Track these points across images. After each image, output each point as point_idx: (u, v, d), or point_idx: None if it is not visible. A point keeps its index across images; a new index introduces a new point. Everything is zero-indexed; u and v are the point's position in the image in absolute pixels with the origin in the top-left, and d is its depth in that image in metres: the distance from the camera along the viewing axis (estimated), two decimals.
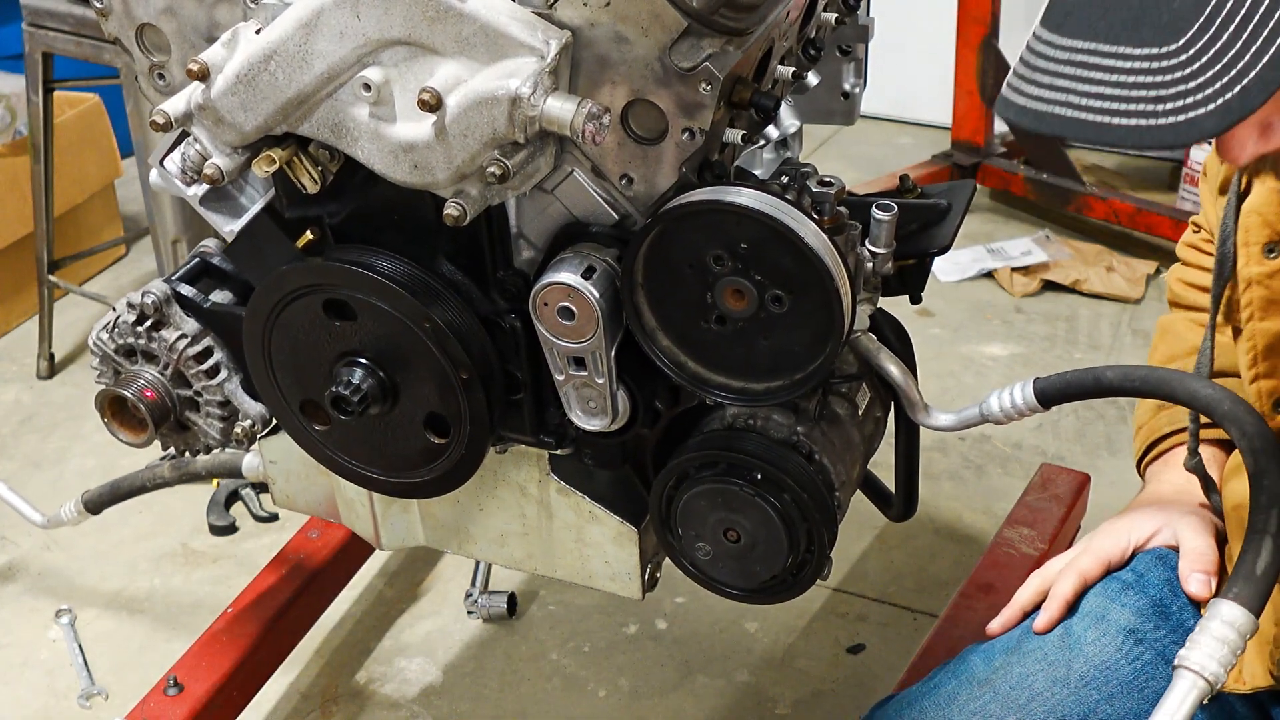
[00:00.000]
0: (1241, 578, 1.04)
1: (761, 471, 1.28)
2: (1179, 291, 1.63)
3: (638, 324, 1.23)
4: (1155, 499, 1.48)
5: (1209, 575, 1.35)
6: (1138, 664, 1.33)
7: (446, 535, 1.57)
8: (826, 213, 1.22)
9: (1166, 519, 1.42)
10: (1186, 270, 1.63)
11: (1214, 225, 1.48)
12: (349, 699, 2.25)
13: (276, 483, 1.65)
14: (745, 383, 1.24)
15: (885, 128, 4.26)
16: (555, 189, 1.22)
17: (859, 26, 1.56)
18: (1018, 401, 1.28)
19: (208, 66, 1.18)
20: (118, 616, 2.43)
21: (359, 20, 1.12)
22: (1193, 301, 1.59)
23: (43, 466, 2.83)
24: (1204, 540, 1.38)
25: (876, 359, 1.34)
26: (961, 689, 1.36)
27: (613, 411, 1.28)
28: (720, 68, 1.11)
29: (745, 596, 1.37)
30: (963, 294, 3.38)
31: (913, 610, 2.38)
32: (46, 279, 3.06)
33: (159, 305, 1.44)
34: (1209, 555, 1.37)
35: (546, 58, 1.10)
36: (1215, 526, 1.41)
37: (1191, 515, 1.42)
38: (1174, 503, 1.45)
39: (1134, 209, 3.43)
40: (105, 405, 1.49)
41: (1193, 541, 1.38)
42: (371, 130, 1.17)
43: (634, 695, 2.23)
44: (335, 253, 1.31)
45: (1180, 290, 1.63)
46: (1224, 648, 1.01)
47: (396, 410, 1.35)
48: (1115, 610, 1.37)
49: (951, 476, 2.71)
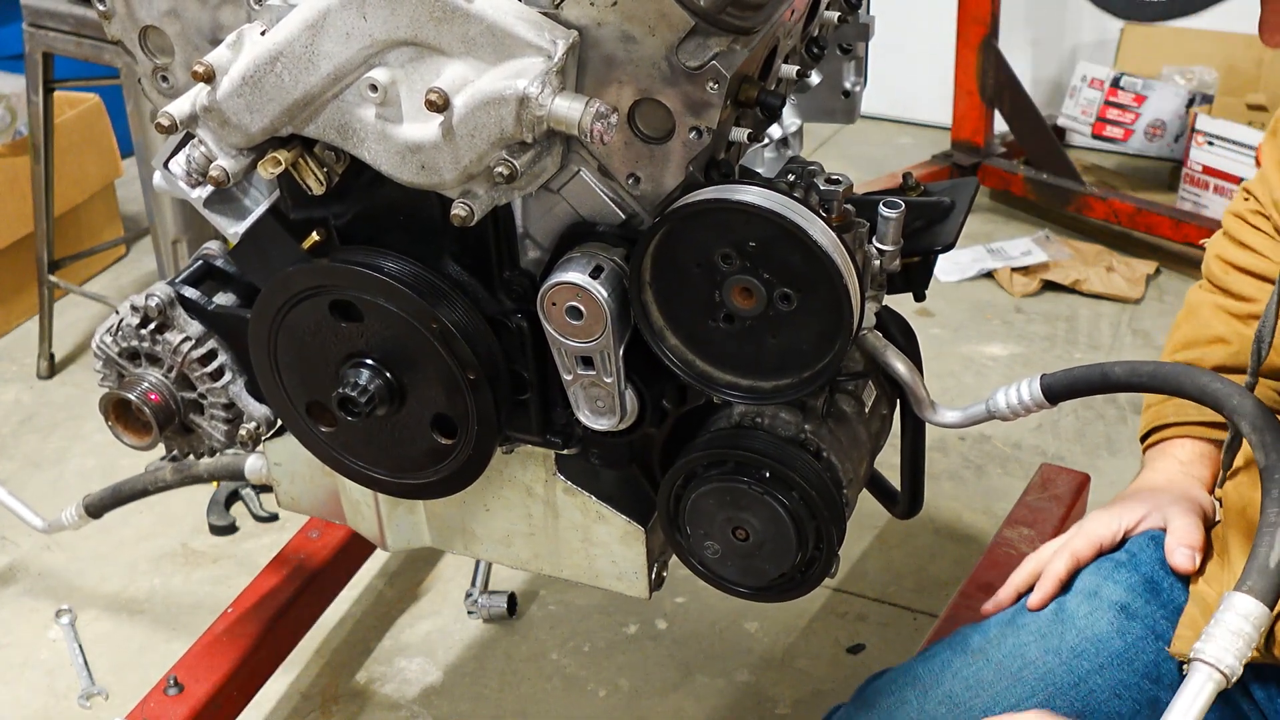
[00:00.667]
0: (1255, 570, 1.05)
1: (770, 469, 1.28)
2: (1216, 272, 1.54)
3: (645, 323, 1.22)
4: (1147, 486, 1.50)
5: (1193, 550, 1.39)
6: (1128, 637, 1.36)
7: (452, 536, 1.57)
8: (834, 211, 1.22)
9: (1156, 504, 1.46)
10: (1229, 248, 1.53)
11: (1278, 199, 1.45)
12: (349, 699, 2.24)
13: (281, 485, 1.64)
14: (753, 381, 1.24)
15: (885, 128, 4.27)
16: (562, 189, 1.22)
17: (860, 25, 1.56)
18: (1025, 398, 1.28)
19: (213, 68, 1.18)
20: (118, 616, 2.42)
21: (365, 21, 1.12)
22: (1229, 286, 1.51)
23: (43, 467, 2.83)
24: (1190, 520, 1.42)
25: (883, 356, 1.35)
26: (955, 658, 1.40)
27: (620, 411, 1.28)
28: (727, 66, 1.11)
29: (754, 595, 1.37)
30: (963, 294, 3.38)
31: (913, 610, 2.38)
32: (46, 279, 3.06)
33: (163, 308, 1.43)
34: (1194, 532, 1.41)
35: (553, 57, 1.10)
36: (1203, 510, 1.45)
37: (1180, 500, 1.45)
38: (1164, 489, 1.48)
39: (1134, 209, 3.43)
40: (109, 408, 1.49)
41: (1179, 519, 1.42)
42: (378, 131, 1.17)
43: (634, 695, 2.23)
44: (341, 254, 1.31)
45: (1218, 270, 1.53)
46: (1239, 640, 1.02)
47: (403, 411, 1.35)
48: (1108, 587, 1.40)
49: (951, 476, 2.71)
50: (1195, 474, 1.50)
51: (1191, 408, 1.50)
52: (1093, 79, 3.88)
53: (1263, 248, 1.49)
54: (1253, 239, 1.50)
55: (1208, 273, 1.56)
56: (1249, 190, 1.54)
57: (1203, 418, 1.50)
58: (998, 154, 3.73)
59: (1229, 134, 3.49)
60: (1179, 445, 1.52)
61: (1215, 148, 3.51)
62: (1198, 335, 1.53)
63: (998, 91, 3.62)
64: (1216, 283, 1.54)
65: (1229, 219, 1.55)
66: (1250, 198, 1.53)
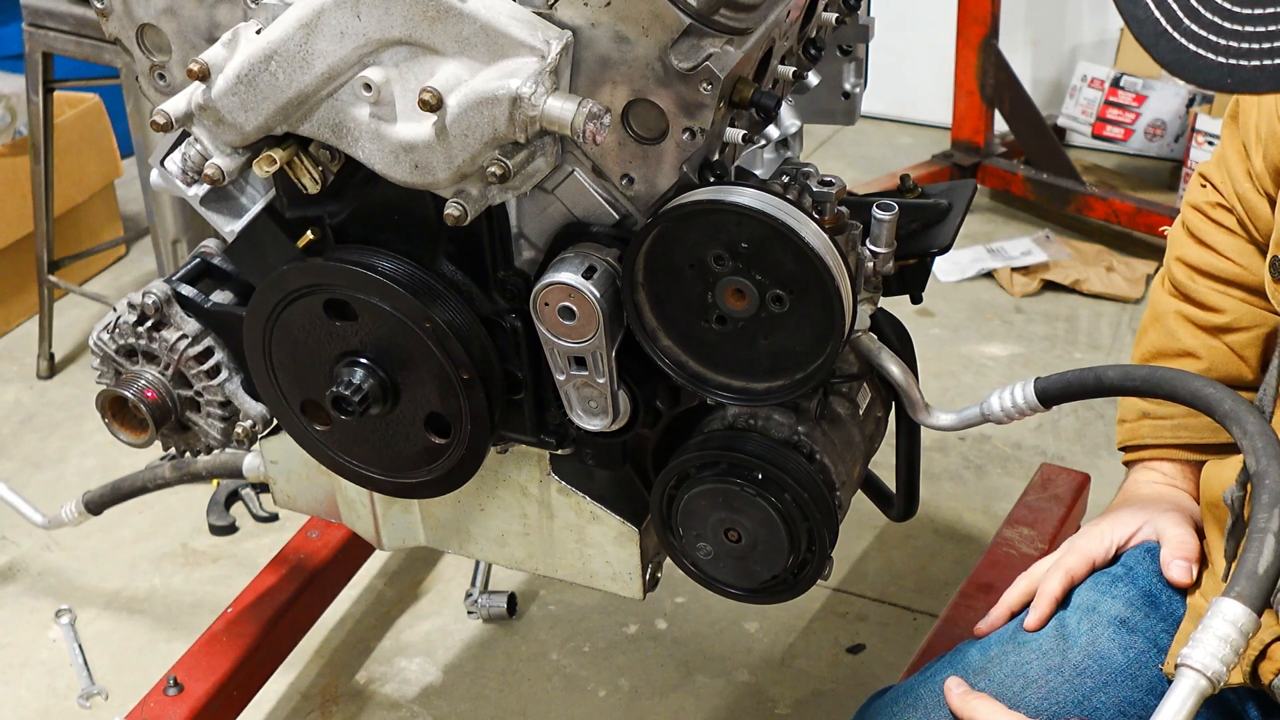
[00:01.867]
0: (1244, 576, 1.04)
1: (762, 471, 1.28)
2: (1180, 277, 1.48)
3: (638, 324, 1.23)
4: (1135, 500, 1.49)
5: (1190, 562, 1.38)
6: (1130, 652, 1.34)
7: (447, 535, 1.57)
8: (827, 212, 1.22)
9: (1147, 517, 1.44)
10: (1190, 247, 1.48)
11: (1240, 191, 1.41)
12: (349, 699, 2.24)
13: (277, 483, 1.65)
14: (746, 382, 1.24)
15: (885, 128, 4.26)
16: (556, 189, 1.22)
17: (859, 26, 1.56)
18: (1018, 401, 1.28)
19: (208, 67, 1.18)
20: (118, 616, 2.43)
21: (360, 20, 1.12)
22: (1194, 295, 1.47)
23: (43, 466, 2.83)
24: (1184, 530, 1.41)
25: (877, 359, 1.35)
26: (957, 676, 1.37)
27: (613, 411, 1.28)
28: (721, 67, 1.11)
29: (746, 596, 1.37)
30: (963, 294, 3.38)
31: (913, 610, 2.38)
32: (46, 279, 3.06)
33: (160, 305, 1.43)
34: (1190, 543, 1.39)
35: (547, 57, 1.10)
36: (1194, 521, 1.43)
37: (1171, 511, 1.44)
38: (1154, 501, 1.47)
39: (1134, 209, 3.43)
40: (106, 406, 1.49)
41: (1172, 531, 1.41)
42: (372, 130, 1.17)
43: (634, 695, 2.23)
44: (336, 253, 1.31)
45: (1182, 276, 1.48)
46: (1226, 646, 1.01)
47: (397, 410, 1.35)
48: (1106, 602, 1.38)
49: (951, 476, 2.71)
50: (1181, 486, 1.49)
51: (1166, 430, 1.49)
52: (1093, 79, 3.88)
53: (1225, 248, 1.45)
54: (1214, 237, 1.46)
55: (1171, 276, 1.50)
56: (1206, 176, 1.49)
57: (1176, 440, 1.49)
58: (998, 154, 3.73)
59: None
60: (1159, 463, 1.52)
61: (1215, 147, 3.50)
62: (1166, 346, 1.50)
63: (998, 91, 3.62)
64: (1181, 289, 1.49)
65: (1188, 212, 1.50)
66: (1208, 184, 1.48)
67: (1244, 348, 1.45)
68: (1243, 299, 1.45)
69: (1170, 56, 0.87)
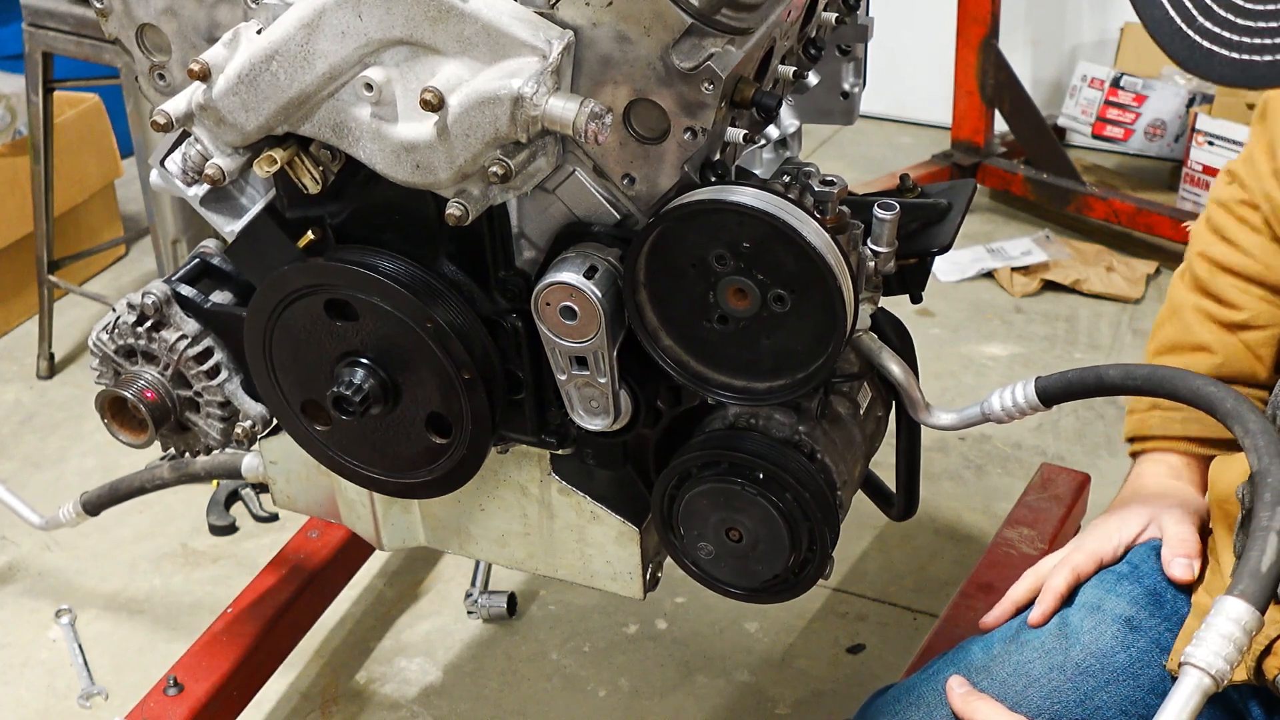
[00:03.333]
0: (1247, 574, 1.04)
1: (763, 471, 1.28)
2: (1201, 273, 1.48)
3: (640, 323, 1.22)
4: (1141, 495, 1.49)
5: (1191, 559, 1.38)
6: (1133, 651, 1.34)
7: (448, 535, 1.57)
8: (829, 212, 1.21)
9: (1153, 514, 1.44)
10: (1214, 244, 1.47)
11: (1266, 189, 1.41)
12: (349, 699, 2.24)
13: (277, 483, 1.65)
14: (747, 382, 1.24)
15: (885, 128, 4.26)
16: (557, 189, 1.22)
17: (859, 26, 1.56)
18: (1019, 400, 1.28)
19: (209, 66, 1.18)
20: (118, 616, 2.42)
21: (361, 20, 1.12)
22: (1215, 291, 1.47)
23: (43, 466, 2.83)
24: (1186, 528, 1.41)
25: (878, 358, 1.35)
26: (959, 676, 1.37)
27: (615, 411, 1.28)
28: (722, 67, 1.11)
29: (747, 596, 1.37)
30: (963, 294, 3.38)
31: (913, 610, 2.38)
32: (46, 279, 3.06)
33: (159, 306, 1.43)
34: (1191, 541, 1.39)
35: (549, 57, 1.10)
36: (1198, 517, 1.43)
37: (1175, 508, 1.44)
38: (1159, 497, 1.47)
39: (1134, 209, 3.43)
40: (105, 406, 1.49)
41: (1174, 529, 1.41)
42: (373, 130, 1.17)
43: (634, 695, 2.23)
44: (337, 253, 1.31)
45: (1203, 272, 1.48)
46: (1230, 644, 1.01)
47: (398, 410, 1.35)
48: (1111, 600, 1.38)
49: (951, 476, 2.71)
50: (1187, 479, 1.50)
51: (1175, 423, 1.49)
52: (1093, 79, 3.88)
53: (1250, 246, 1.45)
54: (1239, 235, 1.46)
55: (1192, 271, 1.51)
56: (1234, 173, 1.48)
57: (1185, 433, 1.49)
58: (998, 154, 3.73)
59: (1229, 134, 3.49)
60: (1166, 455, 1.52)
61: (1215, 148, 3.51)
62: (1181, 340, 1.50)
63: (998, 91, 3.62)
64: (1202, 285, 1.49)
65: (1214, 208, 1.49)
66: (1235, 182, 1.47)
67: (1260, 346, 1.45)
68: (1262, 297, 1.45)
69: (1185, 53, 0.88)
